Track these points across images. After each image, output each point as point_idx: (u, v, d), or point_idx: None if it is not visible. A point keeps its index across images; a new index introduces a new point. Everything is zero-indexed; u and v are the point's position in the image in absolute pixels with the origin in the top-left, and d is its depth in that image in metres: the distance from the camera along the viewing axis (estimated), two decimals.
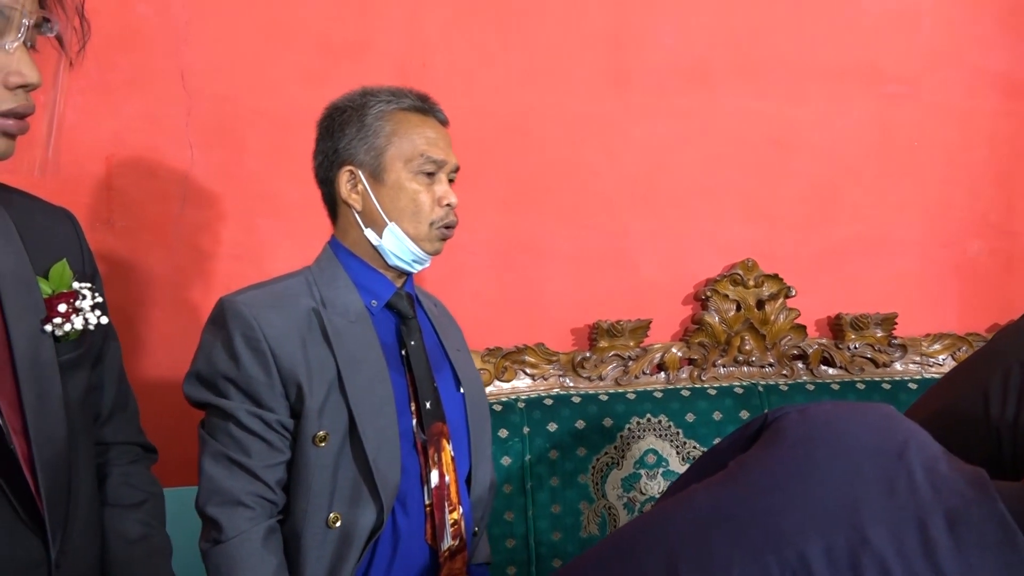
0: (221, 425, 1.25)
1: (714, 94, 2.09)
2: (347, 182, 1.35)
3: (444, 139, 1.38)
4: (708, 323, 2.09)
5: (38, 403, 0.92)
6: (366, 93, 1.37)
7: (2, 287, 0.92)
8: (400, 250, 1.34)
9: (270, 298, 1.28)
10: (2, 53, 0.85)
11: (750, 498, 0.80)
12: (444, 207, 1.35)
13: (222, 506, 1.20)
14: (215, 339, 1.26)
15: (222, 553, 1.19)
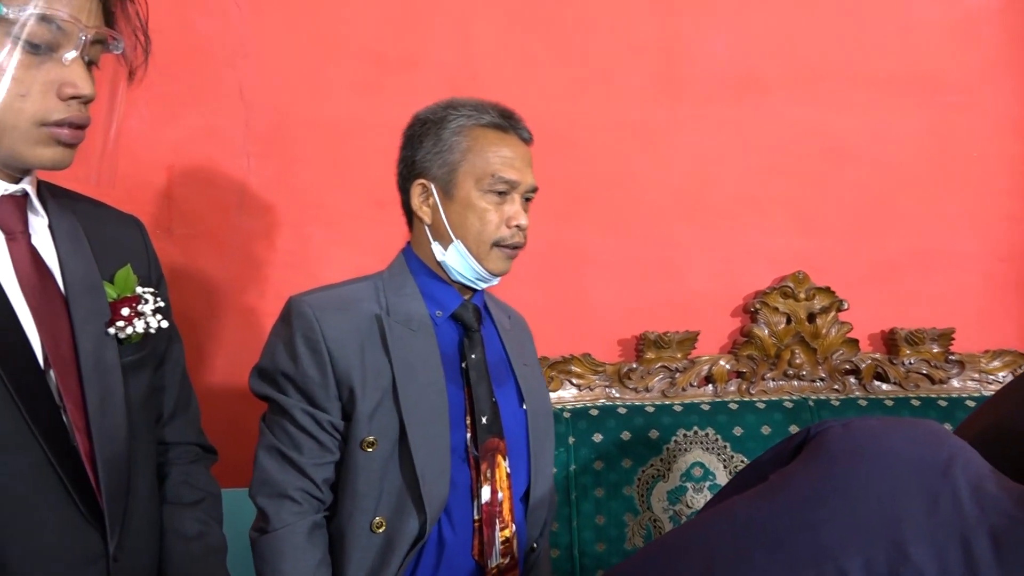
0: (277, 420, 1.29)
1: (765, 103, 2.08)
2: (419, 195, 1.35)
3: (522, 158, 1.35)
4: (757, 336, 2.07)
5: (101, 403, 0.96)
6: (448, 106, 1.37)
7: (70, 291, 0.96)
8: (463, 267, 1.34)
9: (336, 300, 1.31)
10: (59, 65, 0.89)
11: (790, 511, 0.79)
12: (512, 227, 1.33)
13: (271, 497, 1.24)
14: (279, 336, 1.30)
15: (267, 543, 1.22)
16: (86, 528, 0.94)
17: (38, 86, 0.88)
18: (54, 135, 0.90)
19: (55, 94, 0.89)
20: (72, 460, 0.92)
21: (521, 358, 1.47)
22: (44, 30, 0.87)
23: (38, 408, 0.90)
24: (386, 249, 1.47)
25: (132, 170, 1.85)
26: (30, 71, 0.88)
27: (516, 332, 1.51)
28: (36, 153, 0.90)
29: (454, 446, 1.29)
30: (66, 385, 0.93)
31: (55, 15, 0.87)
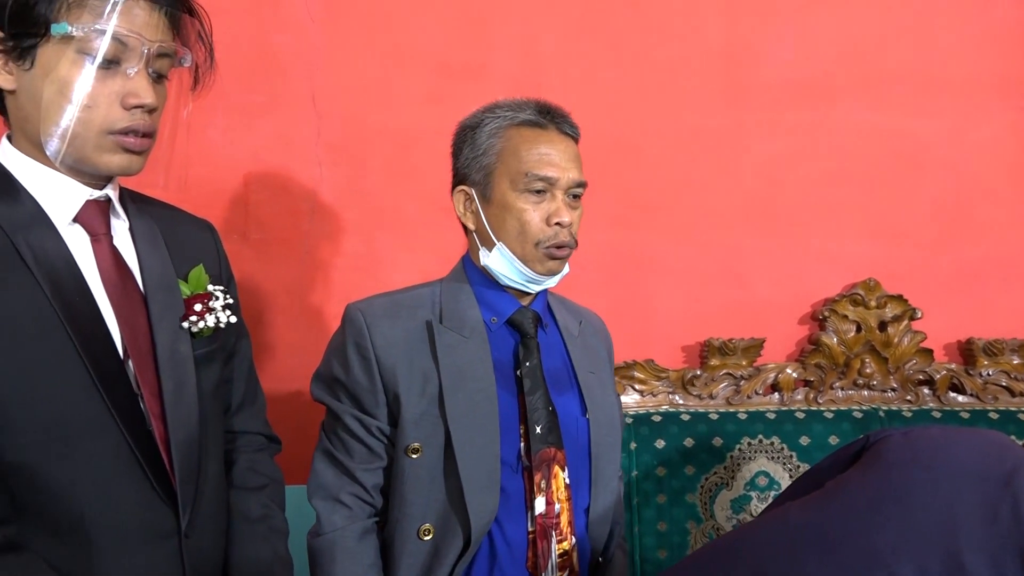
0: (332, 425, 1.33)
1: (834, 108, 2.04)
2: (462, 202, 1.35)
3: (562, 154, 1.31)
4: (826, 344, 2.03)
5: (175, 391, 1.02)
6: (486, 110, 1.36)
7: (148, 288, 1.03)
8: (508, 271, 1.31)
9: (390, 307, 1.32)
10: (123, 77, 0.96)
11: (844, 517, 0.79)
12: (554, 226, 1.29)
13: (324, 500, 1.28)
14: (335, 343, 1.34)
15: (319, 546, 1.25)
16: (161, 507, 1.01)
17: (104, 97, 0.95)
18: (120, 143, 0.97)
19: (120, 104, 0.96)
20: (148, 444, 0.98)
21: (589, 365, 1.43)
22: (108, 45, 0.93)
23: (118, 395, 0.96)
24: (451, 254, 1.50)
25: (210, 177, 1.93)
26: (96, 84, 0.94)
27: (586, 338, 1.47)
28: (105, 160, 0.97)
29: (505, 455, 1.27)
30: (143, 374, 0.99)
31: (118, 31, 0.93)
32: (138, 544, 0.99)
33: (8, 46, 0.93)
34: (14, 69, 0.94)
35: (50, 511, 0.94)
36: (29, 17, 0.91)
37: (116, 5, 0.92)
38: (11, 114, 0.98)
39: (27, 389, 0.92)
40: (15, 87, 0.95)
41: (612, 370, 1.54)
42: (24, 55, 0.93)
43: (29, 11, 0.91)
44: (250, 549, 1.13)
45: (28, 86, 0.94)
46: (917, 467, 0.80)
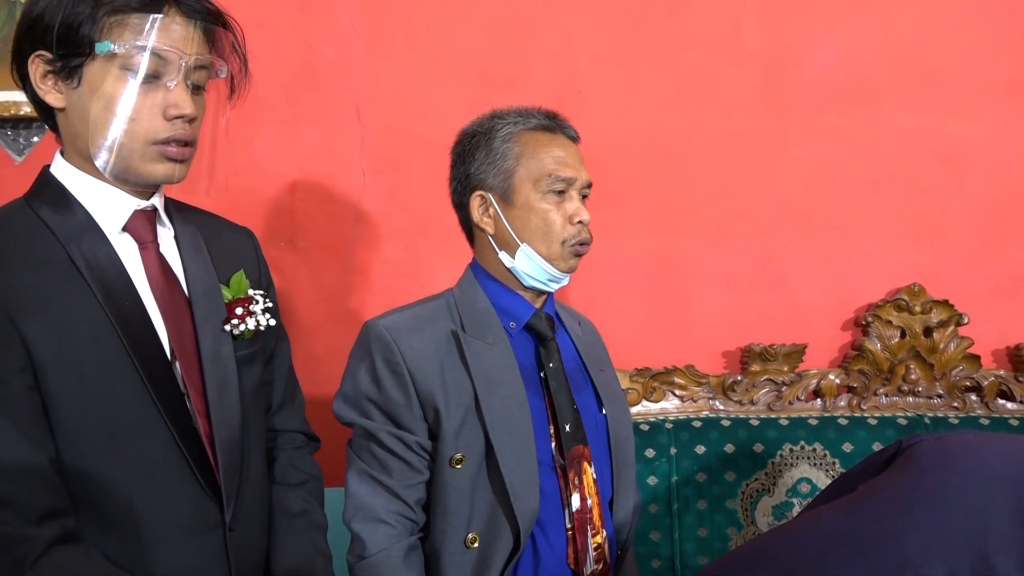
0: (365, 444, 1.31)
1: (876, 111, 2.02)
2: (479, 207, 1.37)
3: (574, 156, 1.36)
4: (869, 350, 2.01)
5: (218, 391, 1.07)
6: (494, 116, 1.39)
7: (192, 293, 1.08)
8: (534, 271, 1.34)
9: (412, 321, 1.33)
10: (164, 90, 1.01)
11: (874, 520, 0.79)
12: (576, 224, 1.33)
13: (365, 522, 1.26)
14: (360, 362, 1.33)
15: (365, 569, 1.24)
16: (206, 501, 1.05)
17: (146, 110, 1.00)
18: (163, 152, 1.01)
19: (161, 115, 1.00)
20: (194, 441, 1.03)
21: (597, 364, 1.46)
22: (148, 60, 0.98)
23: (166, 395, 1.01)
24: None
25: (258, 186, 1.99)
26: (139, 97, 0.99)
27: (588, 337, 1.51)
28: (149, 169, 1.02)
29: (540, 456, 1.29)
30: (189, 375, 1.04)
31: (158, 47, 0.98)
32: (185, 536, 1.03)
33: (56, 66, 0.98)
34: (63, 88, 1.00)
35: (103, 504, 0.99)
36: (75, 38, 0.96)
37: (155, 22, 0.97)
38: (62, 130, 1.04)
39: (82, 389, 0.97)
40: (64, 105, 1.01)
41: (612, 367, 1.56)
42: (71, 74, 0.98)
43: (75, 32, 0.96)
44: (291, 542, 1.17)
45: (76, 103, 1.00)
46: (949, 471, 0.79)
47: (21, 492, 0.91)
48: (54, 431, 0.96)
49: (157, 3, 0.98)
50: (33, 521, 0.91)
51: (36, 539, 0.91)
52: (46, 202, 1.03)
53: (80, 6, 0.96)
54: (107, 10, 0.96)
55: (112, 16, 0.97)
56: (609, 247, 1.95)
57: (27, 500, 0.92)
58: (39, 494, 0.93)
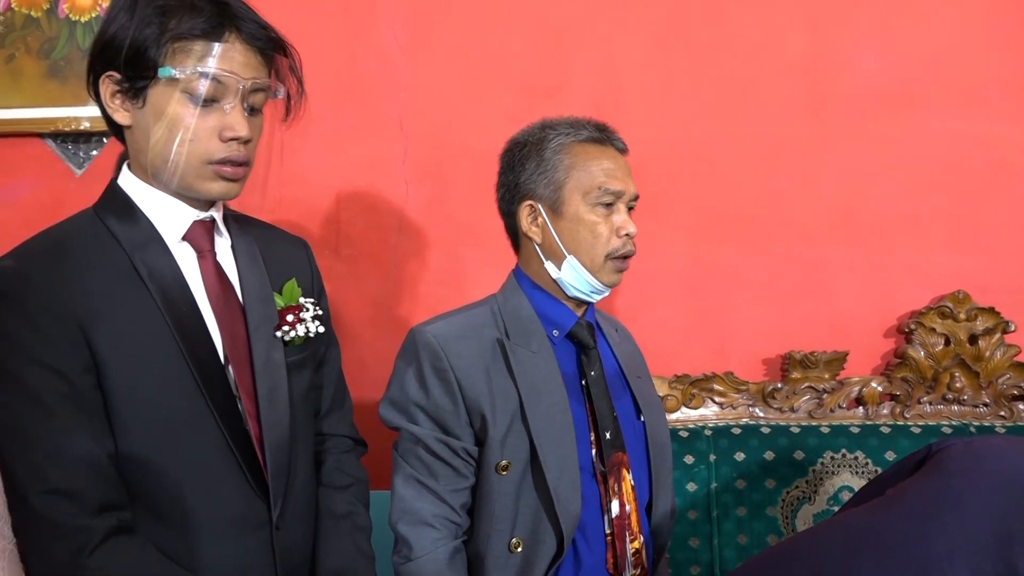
0: (412, 449, 1.33)
1: (920, 117, 2.01)
2: (527, 216, 1.39)
3: (622, 168, 1.37)
4: (912, 358, 1.99)
5: (269, 395, 1.11)
6: (545, 127, 1.41)
7: (246, 300, 1.13)
8: (579, 282, 1.35)
9: (458, 328, 1.35)
10: (220, 113, 1.06)
11: (901, 523, 0.80)
12: (622, 237, 1.34)
13: (411, 525, 1.28)
14: (407, 367, 1.35)
15: (411, 570, 1.26)
16: (255, 499, 1.10)
17: (204, 131, 1.05)
18: (219, 171, 1.07)
19: (218, 137, 1.05)
20: (245, 442, 1.08)
21: (634, 371, 1.48)
22: (207, 86, 1.03)
23: (219, 397, 1.06)
24: None
25: (304, 196, 2.05)
26: (198, 119, 1.04)
27: (625, 345, 1.52)
28: (206, 187, 1.07)
29: (581, 463, 1.31)
30: (241, 379, 1.09)
31: (217, 73, 1.03)
32: (234, 533, 1.08)
33: (124, 87, 1.05)
34: (129, 107, 1.06)
35: (156, 499, 1.04)
36: (141, 62, 1.02)
37: (214, 50, 1.02)
38: (129, 146, 1.10)
39: (140, 390, 1.03)
40: (131, 123, 1.07)
41: (648, 373, 1.57)
42: (137, 95, 1.04)
43: (141, 56, 1.02)
44: (335, 543, 1.21)
45: (141, 122, 1.06)
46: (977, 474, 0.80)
47: (82, 484, 0.97)
48: (113, 428, 1.02)
49: (219, 30, 1.04)
50: (92, 512, 0.97)
51: (94, 529, 0.97)
52: (112, 212, 1.09)
53: (147, 31, 1.01)
54: (171, 36, 1.02)
55: (176, 42, 1.02)
56: (649, 254, 1.96)
57: (88, 492, 0.97)
58: (99, 487, 0.99)
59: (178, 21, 1.02)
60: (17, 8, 2.10)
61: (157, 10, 1.02)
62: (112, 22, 1.04)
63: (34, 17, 2.10)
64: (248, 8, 1.08)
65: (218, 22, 1.04)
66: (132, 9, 1.03)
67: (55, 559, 0.96)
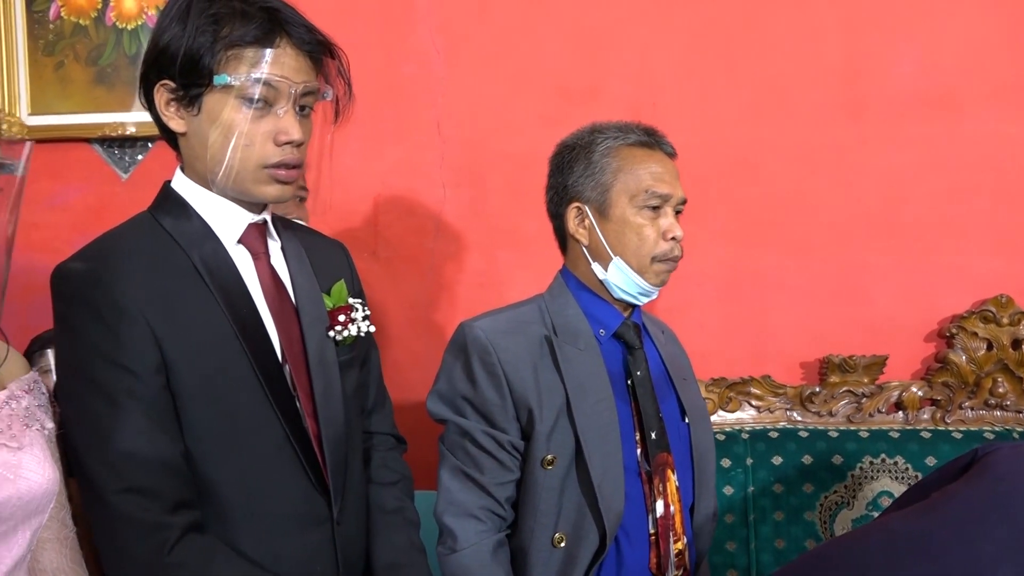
0: (459, 442, 1.35)
1: (960, 120, 1.99)
2: (575, 218, 1.40)
3: (670, 172, 1.38)
4: (954, 362, 1.97)
5: (324, 393, 1.14)
6: (594, 130, 1.41)
7: (299, 301, 1.15)
8: (625, 283, 1.36)
9: (506, 324, 1.37)
10: (274, 117, 1.08)
11: (948, 527, 0.80)
12: (669, 240, 1.35)
13: (457, 517, 1.30)
14: (456, 361, 1.37)
15: (455, 561, 1.29)
16: (316, 496, 1.12)
17: (259, 136, 1.07)
18: (274, 175, 1.09)
19: (272, 141, 1.07)
20: (304, 439, 1.10)
21: (679, 372, 1.48)
22: (261, 90, 1.05)
23: (279, 395, 1.09)
24: None
25: (343, 200, 2.08)
26: (252, 124, 1.06)
27: (671, 347, 1.53)
28: (261, 190, 1.09)
29: (626, 462, 1.32)
30: (298, 377, 1.12)
31: (270, 78, 1.05)
32: (298, 529, 1.11)
33: (179, 95, 1.07)
34: (184, 115, 1.08)
35: (224, 496, 1.06)
36: (196, 70, 1.04)
37: (267, 56, 1.04)
38: (183, 152, 1.12)
39: (206, 389, 1.05)
40: (186, 130, 1.09)
41: (694, 376, 1.58)
42: (192, 102, 1.06)
43: (196, 64, 1.04)
44: (388, 537, 1.24)
45: (196, 129, 1.08)
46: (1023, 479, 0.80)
47: (160, 483, 0.99)
48: (182, 427, 1.04)
49: (270, 36, 1.05)
50: (169, 509, 0.99)
51: (172, 526, 0.99)
52: (168, 214, 1.12)
53: (201, 39, 1.03)
54: (225, 44, 1.04)
55: (230, 50, 1.04)
56: (687, 257, 1.93)
57: (165, 490, 1.00)
58: (174, 485, 1.01)
59: (231, 29, 1.04)
60: (66, 17, 2.16)
61: (210, 19, 1.04)
62: (164, 32, 1.06)
63: (82, 25, 2.16)
64: (297, 13, 1.10)
65: (269, 28, 1.05)
66: (185, 19, 1.04)
67: (137, 557, 0.98)
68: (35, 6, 2.15)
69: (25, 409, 0.97)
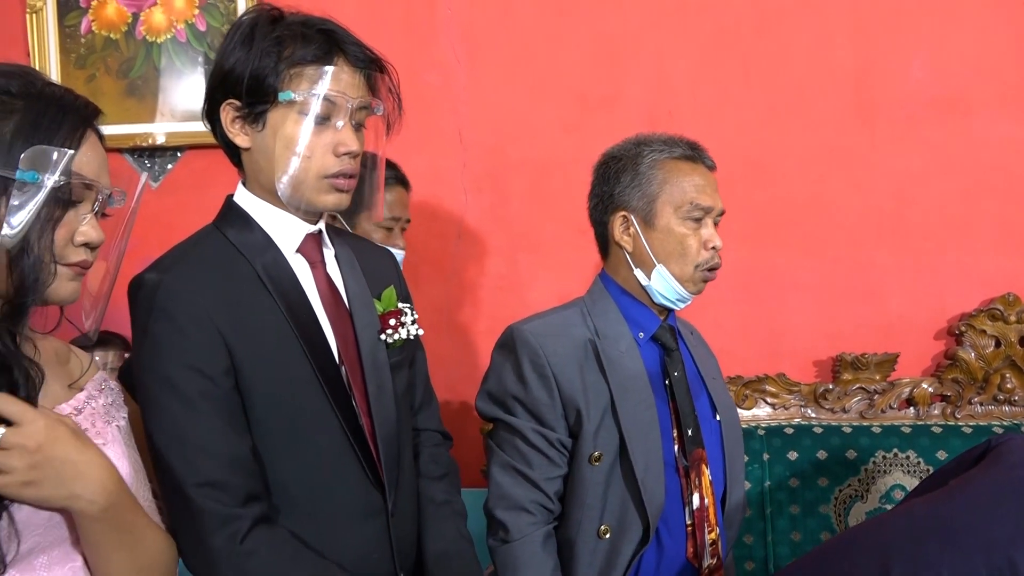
0: (508, 439, 1.42)
1: (970, 123, 2.05)
2: (620, 225, 1.45)
3: (711, 185, 1.44)
4: (963, 359, 2.03)
5: (377, 392, 1.20)
6: (640, 142, 1.46)
7: (352, 306, 1.22)
8: (666, 290, 1.43)
9: (553, 327, 1.44)
10: (333, 130, 1.15)
11: (966, 510, 0.86)
12: (710, 250, 1.42)
13: (508, 510, 1.38)
14: (505, 362, 1.44)
15: (508, 552, 1.36)
16: (372, 490, 1.19)
17: (320, 148, 1.14)
18: (333, 184, 1.16)
19: (331, 153, 1.14)
20: (361, 436, 1.17)
21: (709, 372, 1.55)
22: (321, 106, 1.12)
23: (338, 395, 1.16)
24: (586, 272, 1.62)
25: None
26: (314, 137, 1.13)
27: (700, 348, 1.60)
28: (322, 199, 1.16)
29: (665, 457, 1.39)
30: (354, 378, 1.18)
31: (329, 94, 1.12)
32: (357, 521, 1.18)
33: (244, 113, 1.14)
34: (249, 131, 1.15)
35: (288, 490, 1.13)
36: (261, 88, 1.12)
37: (327, 73, 1.11)
38: (246, 166, 1.19)
39: (271, 389, 1.12)
40: (250, 145, 1.16)
41: (721, 374, 1.64)
42: (257, 119, 1.13)
43: (261, 84, 1.11)
44: (439, 528, 1.30)
45: (260, 144, 1.15)
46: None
47: (232, 477, 1.06)
48: (249, 426, 1.11)
49: (329, 56, 1.13)
50: (240, 502, 1.06)
51: (244, 517, 1.06)
52: (232, 226, 1.19)
53: (266, 60, 1.11)
54: (287, 64, 1.11)
55: (292, 68, 1.11)
56: None
57: (237, 484, 1.07)
58: (244, 478, 1.08)
59: (293, 49, 1.12)
60: (97, 31, 2.22)
61: (274, 41, 1.11)
62: (229, 56, 1.14)
63: (113, 39, 2.22)
64: (350, 34, 1.17)
65: (328, 48, 1.13)
66: (249, 43, 1.12)
67: (212, 546, 1.04)
68: (67, 21, 2.22)
69: (103, 407, 1.03)
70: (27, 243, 0.89)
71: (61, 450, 0.89)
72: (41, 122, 0.91)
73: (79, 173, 0.93)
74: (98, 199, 0.97)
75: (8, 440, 0.86)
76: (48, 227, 0.91)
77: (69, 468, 0.89)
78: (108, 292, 1.04)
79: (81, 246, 0.95)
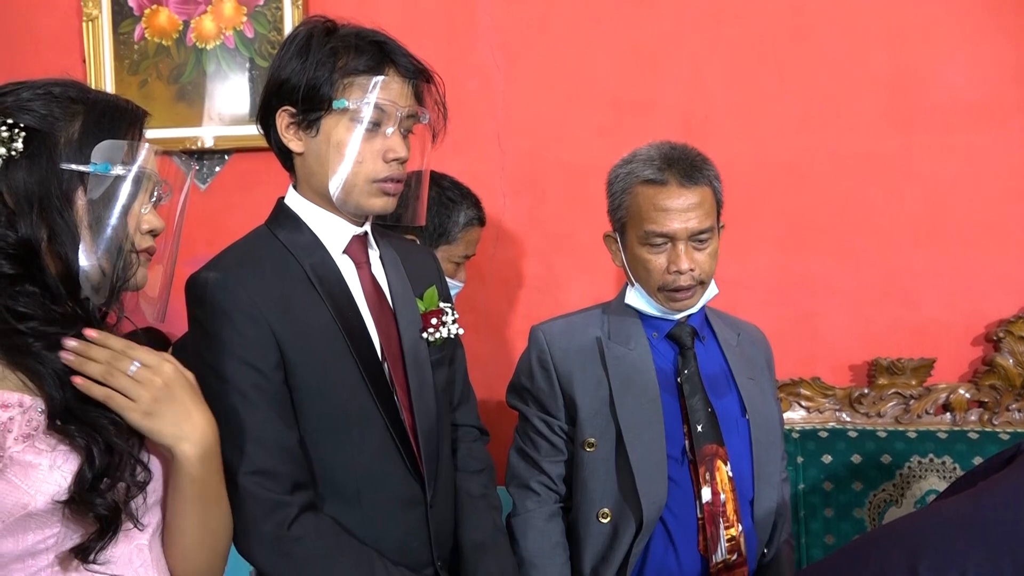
0: (523, 426, 1.59)
1: (1005, 128, 2.04)
2: (612, 245, 1.59)
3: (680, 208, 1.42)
4: (1001, 365, 2.02)
5: (419, 388, 1.26)
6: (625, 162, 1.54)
7: (396, 305, 1.27)
8: (646, 306, 1.53)
9: (565, 327, 1.58)
10: (382, 136, 1.20)
11: (995, 509, 0.88)
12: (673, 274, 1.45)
13: (517, 488, 1.55)
14: (523, 358, 1.62)
15: (514, 524, 1.51)
16: (412, 482, 1.25)
17: (370, 154, 1.20)
18: (382, 188, 1.21)
19: (381, 158, 1.20)
20: (402, 431, 1.22)
21: (748, 372, 1.57)
22: (372, 113, 1.18)
23: (381, 390, 1.21)
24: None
25: None
26: (364, 144, 1.19)
27: (744, 348, 1.61)
28: (370, 203, 1.22)
29: (670, 450, 1.46)
30: (396, 374, 1.24)
31: (380, 102, 1.18)
32: (398, 511, 1.23)
33: (298, 119, 1.20)
34: (303, 136, 1.21)
35: (333, 480, 1.19)
36: (316, 96, 1.18)
37: (378, 83, 1.16)
38: (299, 170, 1.25)
39: (317, 383, 1.18)
40: (303, 150, 1.22)
41: (772, 377, 1.67)
42: (311, 125, 1.19)
43: (316, 92, 1.18)
44: (474, 519, 1.36)
45: (314, 149, 1.21)
46: None
47: (281, 466, 1.13)
48: (297, 418, 1.17)
49: (380, 66, 1.19)
50: (288, 490, 1.13)
51: (292, 504, 1.12)
52: (283, 227, 1.25)
53: (321, 70, 1.17)
54: (341, 74, 1.18)
55: (346, 78, 1.18)
56: (738, 263, 2.04)
57: (285, 472, 1.13)
58: (292, 468, 1.14)
59: (346, 60, 1.18)
60: (150, 38, 2.30)
61: (329, 52, 1.18)
62: (285, 66, 1.20)
63: (164, 46, 2.30)
64: (400, 45, 1.23)
65: (379, 59, 1.20)
66: (305, 54, 1.18)
67: (261, 530, 1.11)
68: (121, 28, 2.30)
69: None
70: (114, 232, 0.96)
71: (180, 393, 0.99)
72: (103, 122, 0.99)
73: (141, 166, 1.00)
74: (154, 192, 1.03)
75: (141, 374, 0.96)
76: (123, 216, 0.97)
77: (183, 411, 0.99)
78: (170, 283, 1.10)
79: (147, 233, 1.02)
